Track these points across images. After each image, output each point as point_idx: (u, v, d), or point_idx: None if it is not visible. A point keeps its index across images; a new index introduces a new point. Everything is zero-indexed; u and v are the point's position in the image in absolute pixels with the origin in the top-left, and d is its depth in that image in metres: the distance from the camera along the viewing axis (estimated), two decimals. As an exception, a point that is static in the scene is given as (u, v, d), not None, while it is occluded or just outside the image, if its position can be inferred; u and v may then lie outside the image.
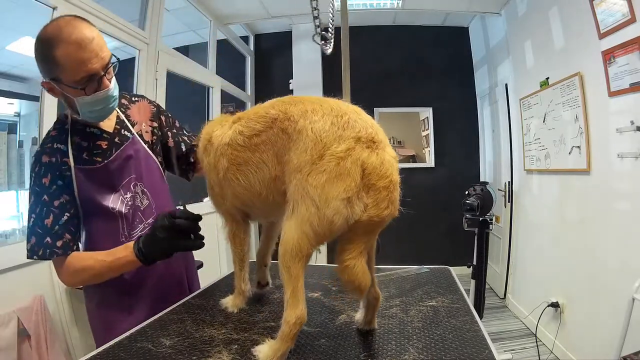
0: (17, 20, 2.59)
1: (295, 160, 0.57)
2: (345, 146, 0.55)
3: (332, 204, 0.53)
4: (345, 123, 0.57)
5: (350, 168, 0.53)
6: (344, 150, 0.54)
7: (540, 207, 2.78)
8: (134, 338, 0.70)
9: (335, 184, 0.53)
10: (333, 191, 0.53)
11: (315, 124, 0.57)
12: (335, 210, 0.53)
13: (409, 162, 4.16)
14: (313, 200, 0.54)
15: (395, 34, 4.11)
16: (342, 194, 0.53)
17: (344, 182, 0.53)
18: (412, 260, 1.17)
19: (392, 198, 0.56)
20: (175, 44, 3.36)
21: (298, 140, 0.57)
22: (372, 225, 0.56)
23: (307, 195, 0.54)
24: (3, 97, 3.09)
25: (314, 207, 0.54)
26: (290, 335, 0.56)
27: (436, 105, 4.12)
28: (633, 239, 1.78)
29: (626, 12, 1.75)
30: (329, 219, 0.53)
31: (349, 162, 0.54)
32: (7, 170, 2.07)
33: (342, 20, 1.55)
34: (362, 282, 0.56)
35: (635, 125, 1.74)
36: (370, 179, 0.54)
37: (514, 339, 2.66)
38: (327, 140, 0.55)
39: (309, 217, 0.54)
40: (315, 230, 0.54)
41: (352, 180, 0.53)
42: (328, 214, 0.53)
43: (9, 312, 1.44)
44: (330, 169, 0.53)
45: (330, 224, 0.54)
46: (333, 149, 0.54)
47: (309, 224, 0.54)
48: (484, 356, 0.58)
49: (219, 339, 0.67)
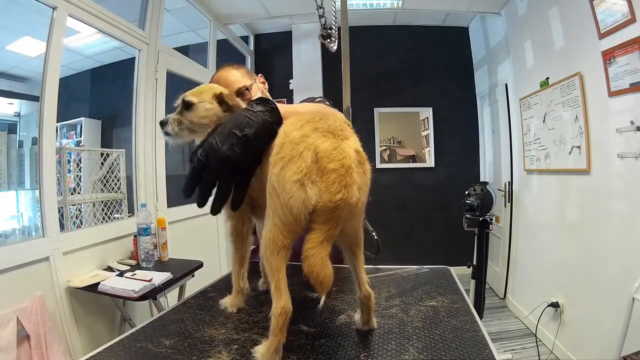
0: (17, 20, 2.59)
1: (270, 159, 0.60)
2: (301, 133, 0.58)
3: (287, 187, 0.55)
4: (309, 120, 0.60)
5: (302, 152, 0.56)
6: (299, 136, 0.57)
7: (540, 207, 2.78)
8: (134, 338, 0.70)
9: (288, 166, 0.55)
10: (287, 174, 0.55)
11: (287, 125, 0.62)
12: (290, 193, 0.55)
13: (409, 162, 4.16)
14: (275, 189, 0.56)
15: (395, 34, 4.11)
16: (293, 175, 0.55)
17: (295, 164, 0.55)
18: (412, 260, 1.17)
19: (345, 182, 0.55)
20: (175, 44, 3.36)
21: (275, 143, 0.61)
22: (327, 211, 0.55)
23: (271, 186, 0.57)
24: (3, 97, 3.10)
25: (276, 195, 0.56)
26: (279, 327, 0.57)
27: (436, 105, 4.12)
28: (633, 239, 1.78)
29: (626, 12, 1.75)
30: (287, 203, 0.55)
31: (302, 147, 0.56)
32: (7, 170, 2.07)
33: (342, 20, 1.55)
34: (321, 273, 0.54)
35: (635, 125, 1.74)
36: (321, 163, 0.55)
37: (514, 339, 2.66)
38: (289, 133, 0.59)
39: (275, 207, 0.57)
40: (282, 219, 0.56)
41: (302, 161, 0.55)
42: (285, 198, 0.55)
43: (8, 312, 1.44)
44: (285, 154, 0.56)
45: (290, 210, 0.55)
46: (291, 136, 0.58)
47: (277, 215, 0.56)
48: (484, 356, 0.58)
49: (219, 339, 0.67)
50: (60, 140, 3.29)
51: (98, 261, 1.96)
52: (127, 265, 2.00)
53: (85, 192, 2.14)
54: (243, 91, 1.09)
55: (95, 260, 1.94)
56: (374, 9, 3.48)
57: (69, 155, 2.08)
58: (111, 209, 2.23)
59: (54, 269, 1.68)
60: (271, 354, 0.57)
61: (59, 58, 1.78)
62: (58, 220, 1.80)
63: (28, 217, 2.67)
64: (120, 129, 3.30)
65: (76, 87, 3.61)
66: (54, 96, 1.76)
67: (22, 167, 2.15)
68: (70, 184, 2.04)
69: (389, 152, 4.17)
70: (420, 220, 4.10)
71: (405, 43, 4.11)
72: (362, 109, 3.99)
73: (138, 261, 2.00)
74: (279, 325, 0.57)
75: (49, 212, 1.74)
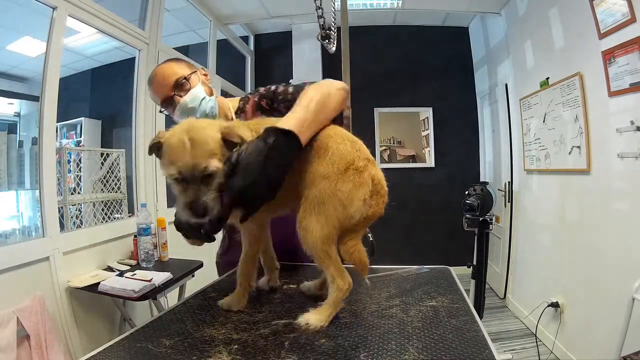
0: (17, 20, 2.59)
1: (322, 170, 0.72)
2: (362, 163, 0.74)
3: (356, 204, 0.72)
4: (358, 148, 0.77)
5: (366, 179, 0.73)
6: (362, 166, 0.74)
7: (540, 207, 2.78)
8: (134, 338, 0.70)
9: (358, 189, 0.72)
10: (357, 195, 0.72)
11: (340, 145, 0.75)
12: (357, 208, 0.72)
13: (409, 162, 4.16)
14: (341, 201, 0.70)
15: (395, 34, 4.11)
16: (362, 196, 0.72)
17: (364, 189, 0.72)
18: (412, 260, 1.17)
19: (385, 200, 0.77)
20: (175, 44, 3.36)
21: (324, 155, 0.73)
22: (369, 220, 0.75)
23: (335, 197, 0.70)
24: (3, 97, 3.10)
25: (341, 206, 0.70)
26: (340, 300, 0.73)
27: (436, 105, 4.12)
28: (633, 239, 1.78)
29: (626, 12, 1.75)
30: (351, 215, 0.72)
31: (365, 175, 0.73)
32: (7, 170, 2.07)
33: (342, 20, 1.55)
34: (364, 259, 0.75)
35: (635, 125, 1.74)
36: (376, 187, 0.75)
37: (514, 339, 2.66)
38: (349, 157, 0.73)
39: (337, 214, 0.70)
40: (341, 222, 0.71)
41: (368, 187, 0.73)
42: (352, 211, 0.71)
43: (8, 312, 1.44)
44: (355, 179, 0.72)
45: (351, 218, 0.72)
46: (356, 164, 0.73)
47: (336, 219, 0.71)
48: (484, 356, 0.58)
49: (219, 339, 0.67)
50: (60, 140, 3.29)
51: (98, 261, 1.96)
52: (127, 265, 2.00)
53: (85, 192, 2.14)
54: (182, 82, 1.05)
55: (95, 260, 1.94)
56: (374, 9, 3.49)
57: (69, 155, 2.08)
58: (111, 209, 2.23)
59: (54, 269, 1.68)
60: (328, 321, 0.71)
61: (59, 58, 1.78)
62: (58, 220, 1.80)
63: (28, 217, 2.67)
64: (120, 129, 3.30)
65: (76, 87, 3.61)
66: (54, 96, 1.76)
67: (22, 167, 2.14)
68: (70, 184, 2.04)
69: (389, 152, 4.17)
70: (420, 220, 4.10)
71: (405, 43, 4.11)
72: (362, 109, 3.99)
73: (138, 261, 2.00)
74: (342, 298, 0.73)
75: (49, 212, 1.74)
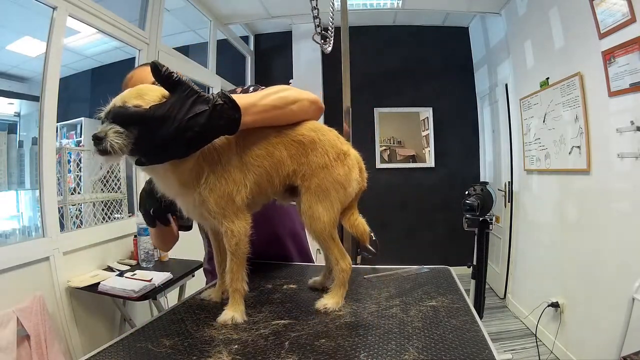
0: (17, 20, 2.59)
1: (318, 161, 0.77)
2: (346, 147, 0.83)
3: (353, 183, 0.81)
4: (337, 135, 0.85)
5: (353, 160, 0.83)
6: (346, 150, 0.82)
7: (540, 207, 2.78)
8: (134, 338, 0.70)
9: (352, 170, 0.81)
10: (352, 175, 0.80)
11: (325, 136, 0.81)
12: (353, 187, 0.81)
13: (409, 162, 4.16)
14: (341, 184, 0.78)
15: (395, 34, 4.11)
16: (355, 176, 0.81)
17: (355, 169, 0.82)
18: (412, 260, 1.17)
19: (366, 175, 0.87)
20: (175, 44, 3.36)
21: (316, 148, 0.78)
22: (359, 193, 0.85)
23: (336, 182, 0.77)
24: (3, 97, 3.10)
25: (342, 189, 0.78)
26: (346, 279, 0.79)
27: (436, 105, 4.12)
28: (633, 239, 1.78)
29: (626, 12, 1.75)
30: (350, 193, 0.81)
31: (352, 157, 0.82)
32: (7, 170, 2.07)
33: (342, 20, 1.55)
34: (366, 229, 0.86)
35: (635, 125, 1.74)
36: (361, 166, 0.85)
37: (514, 339, 2.66)
38: (336, 145, 0.80)
39: (339, 196, 0.78)
40: (342, 204, 0.79)
41: (357, 167, 0.83)
42: (350, 190, 0.80)
43: (8, 312, 1.43)
44: (347, 162, 0.80)
45: (350, 196, 0.81)
46: (345, 150, 0.81)
47: (339, 201, 0.78)
48: (484, 356, 0.57)
49: (219, 339, 0.67)
50: (60, 140, 3.28)
51: (98, 261, 1.96)
52: (127, 265, 2.00)
53: (85, 192, 2.14)
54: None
55: (95, 260, 1.94)
56: (374, 9, 3.49)
57: (69, 155, 2.08)
58: (111, 209, 2.23)
59: (54, 269, 1.68)
60: (342, 300, 0.78)
61: (59, 58, 1.78)
62: (58, 220, 1.80)
63: (28, 217, 2.66)
64: (120, 129, 3.29)
65: (76, 87, 3.61)
66: (54, 96, 1.76)
67: (22, 167, 2.14)
68: (70, 184, 2.04)
69: (389, 152, 4.17)
70: (420, 220, 4.10)
71: (405, 43, 4.11)
72: (362, 109, 3.99)
73: (138, 261, 2.00)
74: (347, 277, 0.79)
75: (49, 212, 1.74)
